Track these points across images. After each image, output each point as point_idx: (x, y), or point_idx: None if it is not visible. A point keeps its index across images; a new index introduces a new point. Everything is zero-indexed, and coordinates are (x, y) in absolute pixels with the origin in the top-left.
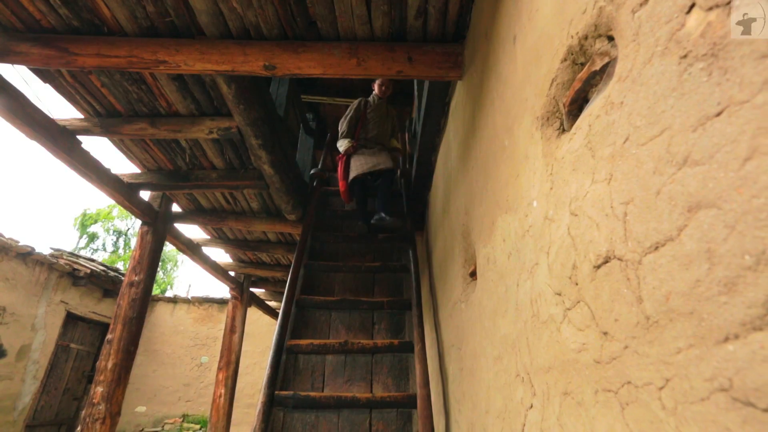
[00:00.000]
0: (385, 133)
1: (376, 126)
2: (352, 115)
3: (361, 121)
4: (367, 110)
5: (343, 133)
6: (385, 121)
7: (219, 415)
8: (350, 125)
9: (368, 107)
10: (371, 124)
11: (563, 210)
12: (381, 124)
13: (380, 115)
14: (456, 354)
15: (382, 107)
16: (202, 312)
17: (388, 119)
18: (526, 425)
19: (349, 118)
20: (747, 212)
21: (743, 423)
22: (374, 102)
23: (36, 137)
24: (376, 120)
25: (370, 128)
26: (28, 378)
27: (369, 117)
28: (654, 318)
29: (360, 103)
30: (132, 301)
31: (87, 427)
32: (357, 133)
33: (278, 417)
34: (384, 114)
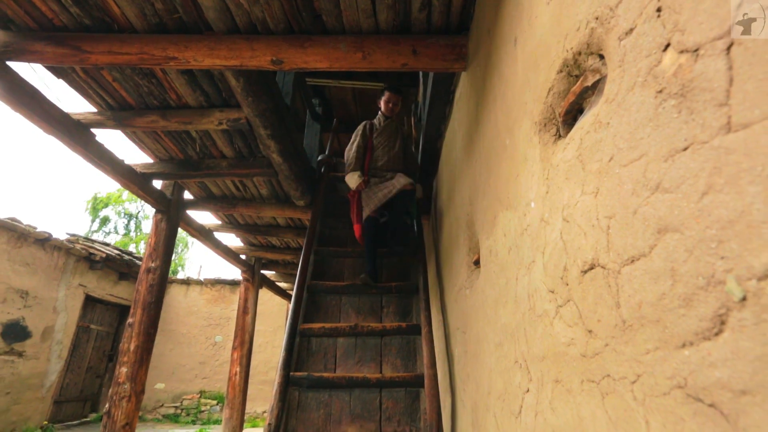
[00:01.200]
0: (396, 158)
1: (385, 152)
2: (358, 143)
3: (369, 150)
4: (374, 136)
5: (350, 165)
6: (395, 142)
7: (235, 392)
8: (357, 156)
9: (374, 131)
10: (380, 150)
11: (557, 215)
12: (390, 147)
13: (388, 138)
14: (461, 337)
15: (390, 128)
16: (214, 293)
17: (397, 137)
18: (523, 407)
19: (356, 147)
20: (702, 240)
21: (694, 415)
22: (380, 124)
23: (53, 132)
24: (384, 145)
25: (379, 156)
26: (53, 357)
27: (376, 143)
28: (629, 322)
29: (365, 129)
30: (150, 287)
31: (114, 404)
32: (366, 164)
33: (294, 396)
34: (393, 134)
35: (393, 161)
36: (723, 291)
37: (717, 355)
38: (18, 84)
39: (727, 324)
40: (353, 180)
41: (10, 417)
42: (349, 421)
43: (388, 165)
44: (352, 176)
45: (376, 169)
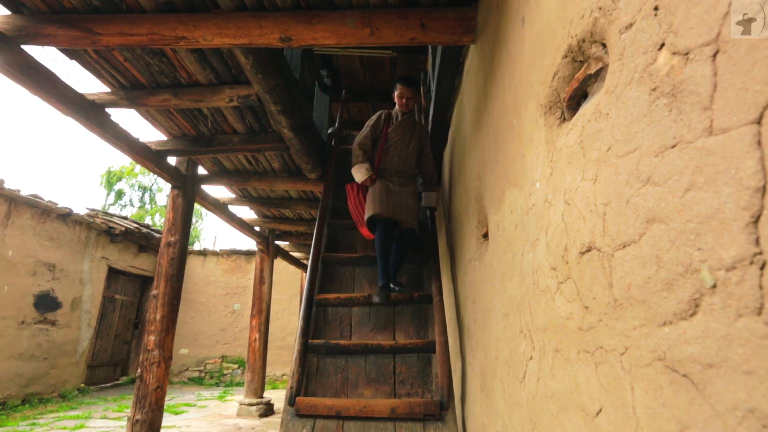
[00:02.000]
0: (409, 158)
1: (397, 150)
2: (368, 134)
3: (382, 143)
4: (389, 128)
5: (358, 156)
6: (410, 141)
7: (255, 357)
8: (365, 147)
9: (391, 124)
10: (392, 149)
11: (559, 197)
12: (405, 146)
13: (404, 135)
14: (471, 306)
15: (406, 124)
16: (230, 263)
17: (413, 136)
18: (527, 372)
19: (364, 137)
20: (683, 232)
21: (670, 383)
22: (397, 117)
23: (70, 113)
24: (398, 143)
25: (391, 153)
26: (83, 326)
27: (391, 138)
28: (620, 301)
29: (379, 119)
30: (171, 260)
31: (146, 369)
32: (377, 158)
33: (312, 362)
34: (409, 131)
35: (404, 162)
36: (698, 278)
37: (691, 333)
38: (34, 67)
39: (700, 307)
40: (360, 173)
41: (49, 380)
42: (365, 385)
43: (398, 166)
44: (360, 168)
45: (385, 170)
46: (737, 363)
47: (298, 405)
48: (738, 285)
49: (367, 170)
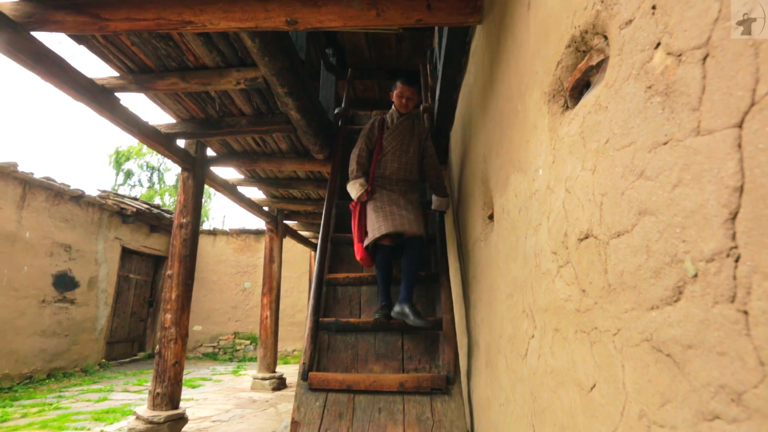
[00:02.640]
0: (409, 164)
1: (396, 156)
2: (362, 146)
3: (377, 152)
4: (383, 135)
5: (352, 171)
6: (410, 145)
7: (267, 334)
8: (360, 159)
9: (384, 130)
10: (389, 154)
11: (560, 185)
12: (404, 151)
13: (402, 140)
14: (476, 285)
15: (404, 127)
16: (240, 242)
17: (412, 139)
18: (529, 349)
19: (359, 150)
20: (670, 225)
21: (656, 362)
22: (393, 121)
23: (81, 99)
24: (396, 147)
25: (389, 160)
26: (100, 304)
27: (386, 145)
28: (613, 286)
29: (372, 128)
30: (184, 241)
31: (164, 346)
32: (372, 169)
33: (324, 339)
34: (407, 135)
35: (405, 169)
36: (682, 268)
37: (674, 317)
38: (44, 54)
39: (683, 294)
40: (355, 188)
41: (71, 355)
42: (374, 360)
43: (398, 173)
44: (354, 184)
45: (384, 179)
46: (712, 345)
47: (311, 380)
48: (716, 275)
49: (362, 185)
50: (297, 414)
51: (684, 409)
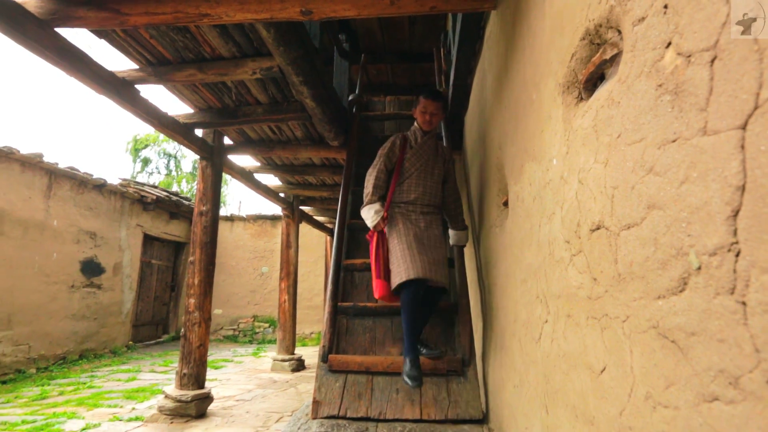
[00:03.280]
0: (434, 188)
1: (420, 179)
2: (381, 165)
3: (396, 173)
4: (405, 154)
5: (368, 194)
6: (434, 167)
7: (286, 317)
8: (378, 182)
9: (407, 149)
10: (414, 177)
11: (574, 176)
12: (428, 173)
13: (426, 160)
14: (491, 271)
15: (428, 147)
16: (257, 228)
17: (438, 162)
18: (542, 334)
19: (377, 170)
20: (677, 220)
21: (661, 347)
22: (416, 140)
23: (103, 92)
24: (420, 169)
25: (413, 183)
26: (125, 289)
27: (408, 166)
28: (623, 275)
29: (393, 146)
30: (204, 228)
31: (189, 329)
32: (390, 192)
33: (342, 322)
34: (431, 155)
35: (430, 193)
36: (686, 261)
37: (679, 306)
38: (68, 49)
39: (688, 285)
40: (370, 215)
41: (100, 338)
42: (391, 343)
43: (423, 198)
44: (369, 210)
45: (407, 205)
46: (713, 332)
47: (330, 362)
48: (717, 268)
49: (377, 212)
50: (318, 394)
51: (686, 391)
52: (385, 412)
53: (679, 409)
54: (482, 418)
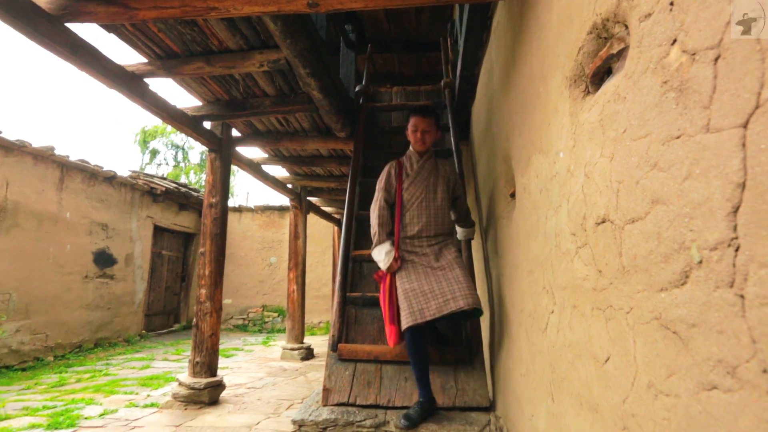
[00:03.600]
0: (440, 214)
1: (423, 209)
2: (381, 201)
3: (398, 205)
4: (403, 184)
5: (375, 233)
6: (437, 191)
7: (295, 307)
8: (382, 219)
9: (403, 176)
10: (414, 208)
11: (580, 169)
12: (431, 200)
13: (427, 186)
14: (498, 261)
15: (426, 171)
16: (265, 219)
17: (440, 184)
18: (548, 324)
19: (379, 207)
20: (680, 215)
21: (663, 338)
22: (412, 166)
23: (114, 86)
24: (421, 197)
25: (415, 215)
26: (137, 279)
27: (407, 197)
28: (627, 268)
29: (389, 177)
30: (214, 220)
31: (200, 319)
32: (396, 227)
33: (351, 312)
34: (432, 178)
35: (435, 222)
36: (688, 255)
37: (681, 299)
38: (80, 45)
39: (689, 278)
40: (381, 257)
41: (114, 327)
42: None
43: (428, 229)
44: (380, 251)
45: (412, 240)
46: (713, 324)
47: (340, 351)
48: (718, 262)
49: (388, 252)
50: (328, 382)
51: (687, 380)
52: (393, 400)
53: (679, 397)
54: (489, 405)
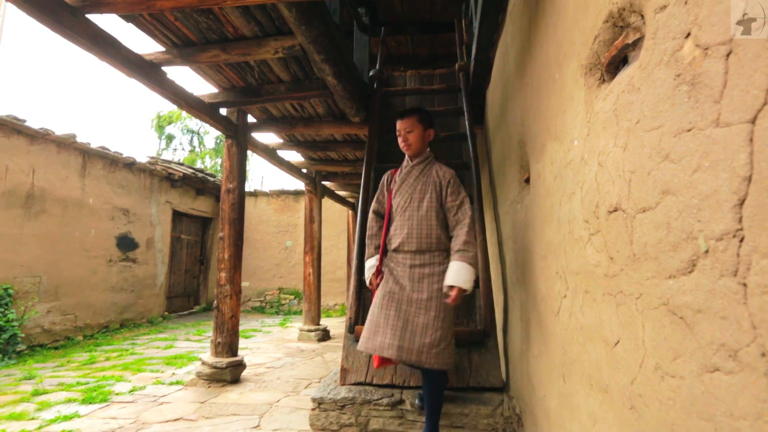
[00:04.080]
0: (425, 226)
1: (404, 219)
2: (371, 212)
3: (386, 215)
4: (393, 191)
5: (369, 245)
6: (423, 199)
7: (311, 290)
8: (371, 231)
9: (393, 183)
10: (397, 216)
11: (594, 158)
12: (414, 209)
13: (411, 193)
14: (512, 245)
15: (412, 177)
16: (280, 203)
17: (428, 191)
18: (561, 308)
19: (369, 219)
20: (688, 206)
21: (671, 323)
22: (403, 171)
23: (133, 75)
24: (404, 206)
25: (397, 226)
26: (158, 263)
27: (394, 206)
28: (637, 256)
29: (383, 183)
30: (232, 205)
31: (221, 301)
32: (382, 240)
33: (367, 296)
34: (419, 185)
35: (419, 235)
36: (696, 244)
37: (687, 286)
38: (100, 35)
39: (696, 267)
40: (366, 271)
41: (138, 308)
42: None
43: (409, 243)
44: (367, 265)
45: (394, 252)
46: (717, 310)
47: (356, 332)
48: (723, 252)
49: (369, 268)
50: (345, 362)
51: (691, 362)
52: (409, 380)
53: (684, 379)
54: (502, 386)
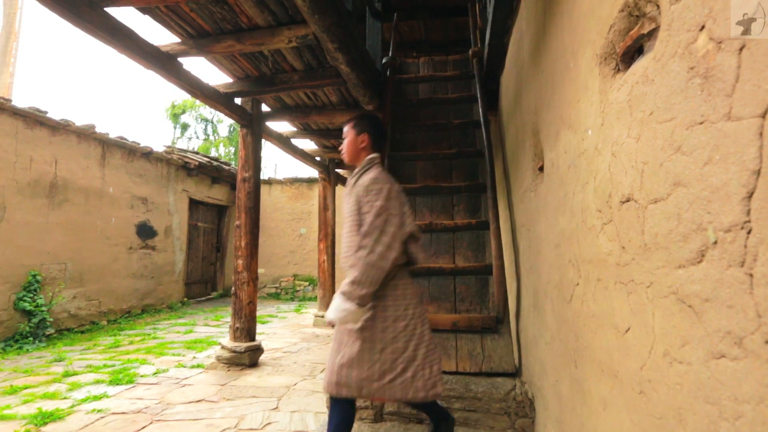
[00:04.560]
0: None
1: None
2: None
3: None
4: None
5: None
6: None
7: (325, 276)
8: None
9: None
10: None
11: (607, 148)
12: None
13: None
14: (526, 233)
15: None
16: (294, 191)
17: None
18: (573, 296)
19: None
20: (699, 197)
21: (680, 311)
22: None
23: (151, 66)
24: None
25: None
26: (176, 250)
27: None
28: (649, 245)
29: None
30: (248, 194)
31: (239, 288)
32: None
33: None
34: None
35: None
36: (705, 235)
37: (696, 275)
38: (118, 28)
39: (705, 257)
40: None
41: (158, 294)
42: (428, 302)
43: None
44: None
45: None
46: (724, 299)
47: None
48: (731, 243)
49: None
50: None
51: (699, 349)
52: None
53: (691, 365)
54: (515, 372)
